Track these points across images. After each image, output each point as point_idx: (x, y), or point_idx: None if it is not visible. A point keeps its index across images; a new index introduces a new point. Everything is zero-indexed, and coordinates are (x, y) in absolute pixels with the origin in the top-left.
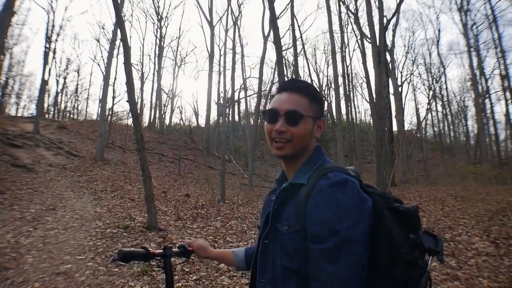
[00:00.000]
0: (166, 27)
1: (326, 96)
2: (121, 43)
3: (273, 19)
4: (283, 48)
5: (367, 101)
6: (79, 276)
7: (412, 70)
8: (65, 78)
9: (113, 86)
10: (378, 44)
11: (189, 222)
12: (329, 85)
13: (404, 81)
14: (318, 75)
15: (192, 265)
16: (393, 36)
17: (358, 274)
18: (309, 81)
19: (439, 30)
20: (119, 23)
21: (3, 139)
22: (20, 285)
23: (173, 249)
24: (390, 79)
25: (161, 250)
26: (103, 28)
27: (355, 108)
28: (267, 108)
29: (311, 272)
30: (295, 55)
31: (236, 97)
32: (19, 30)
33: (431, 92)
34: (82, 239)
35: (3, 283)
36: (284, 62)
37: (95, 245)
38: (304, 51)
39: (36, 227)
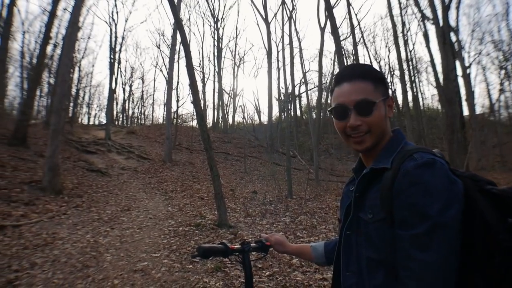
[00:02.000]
0: (223, 28)
1: (389, 84)
2: (181, 47)
3: (329, 9)
4: (341, 38)
5: (433, 86)
6: (155, 273)
7: (480, 49)
8: (130, 86)
9: (177, 90)
10: (441, 24)
11: (258, 219)
12: (392, 72)
13: (472, 62)
14: (379, 63)
15: (265, 260)
16: (457, 14)
17: (452, 262)
18: None
19: (507, 3)
20: (179, 27)
21: (78, 147)
22: (101, 282)
23: (251, 244)
24: (457, 61)
25: (239, 246)
26: (163, 35)
27: (421, 94)
28: (332, 105)
29: (399, 261)
30: (354, 44)
31: (296, 92)
32: (85, 44)
33: (502, 72)
34: (156, 237)
35: (85, 280)
36: (343, 52)
37: (169, 243)
38: (363, 39)
39: (113, 227)
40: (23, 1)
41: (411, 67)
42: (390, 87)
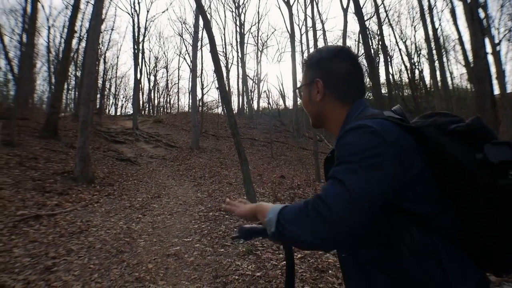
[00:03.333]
0: (245, 14)
1: (416, 63)
2: (203, 34)
3: None
4: (365, 18)
5: (462, 65)
6: (188, 257)
7: (510, 25)
8: (155, 75)
9: (201, 77)
10: (469, 0)
11: (287, 202)
12: (418, 52)
13: (502, 38)
14: (404, 43)
15: None
16: None
17: (372, 194)
18: (396, 49)
19: None
20: (201, 12)
21: (107, 137)
22: (135, 267)
23: None
24: (486, 38)
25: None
26: (185, 23)
27: (450, 73)
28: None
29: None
30: (379, 24)
31: None
32: (109, 36)
33: None
34: (187, 222)
35: (120, 265)
36: (368, 32)
37: (200, 227)
38: (388, 19)
39: (144, 213)
40: None
41: (438, 46)
42: (417, 67)
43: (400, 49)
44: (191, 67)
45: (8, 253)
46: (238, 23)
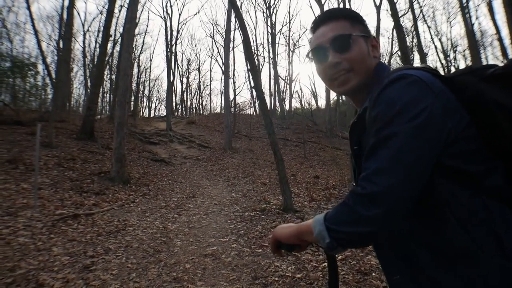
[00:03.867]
0: (275, 14)
1: (452, 60)
2: (235, 35)
3: None
4: (399, 15)
5: (500, 60)
6: (225, 257)
7: None
8: (187, 77)
9: (233, 78)
10: None
11: (323, 203)
12: (454, 48)
13: None
14: (440, 39)
15: None
16: None
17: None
18: (431, 46)
19: None
20: (234, 8)
21: (141, 138)
22: (173, 266)
23: None
24: None
25: None
26: (216, 25)
27: None
28: (310, 51)
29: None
30: (414, 20)
31: None
32: (142, 40)
33: None
34: (223, 222)
35: (158, 265)
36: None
37: (236, 227)
38: (423, 15)
39: (180, 213)
40: (82, 2)
41: (475, 42)
42: (452, 64)
43: (435, 46)
44: (223, 68)
45: (48, 251)
46: (269, 23)
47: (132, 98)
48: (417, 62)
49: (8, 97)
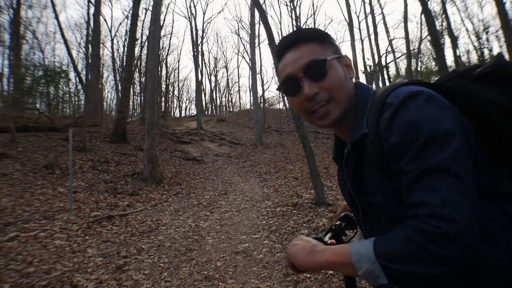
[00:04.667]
0: (299, 7)
1: (484, 42)
2: (260, 31)
3: None
4: None
5: None
6: (257, 254)
7: None
8: (215, 75)
9: (261, 74)
10: None
11: None
12: (486, 30)
13: None
14: (471, 21)
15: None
16: None
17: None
18: (462, 29)
19: None
20: (256, 4)
21: (173, 138)
22: (204, 265)
23: (342, 225)
24: None
25: (331, 233)
26: (241, 21)
27: None
28: (280, 83)
29: (410, 201)
30: (443, 2)
31: (383, 62)
32: (168, 41)
33: None
34: (254, 218)
35: (189, 263)
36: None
37: (267, 223)
38: None
39: (212, 211)
40: (107, 9)
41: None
42: (486, 47)
43: (466, 29)
44: (250, 64)
45: (82, 253)
46: (293, 16)
47: (163, 99)
48: (448, 46)
49: (43, 105)
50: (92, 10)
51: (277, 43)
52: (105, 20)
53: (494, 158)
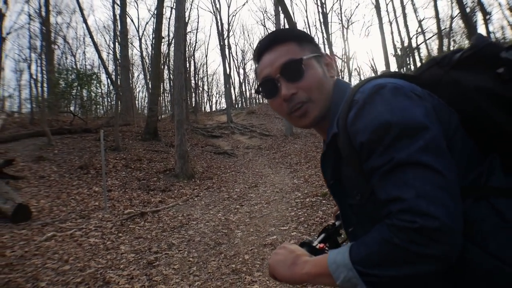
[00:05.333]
0: None
1: None
2: (285, 20)
3: None
4: None
5: None
6: None
7: None
8: (244, 68)
9: None
10: None
11: None
12: None
13: None
14: None
15: None
16: None
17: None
18: (494, 4)
19: None
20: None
21: (204, 133)
22: (232, 258)
23: (337, 224)
24: None
25: (323, 235)
26: (266, 12)
27: None
28: (258, 85)
29: (383, 198)
30: None
31: (414, 44)
32: (195, 37)
33: None
34: (284, 210)
35: (218, 257)
36: None
37: (296, 215)
38: None
39: (242, 204)
40: (133, 9)
41: None
42: None
43: (499, 3)
44: None
45: (115, 250)
46: (319, 3)
47: (193, 95)
48: (481, 24)
49: (77, 107)
50: (118, 11)
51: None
52: (132, 20)
53: (485, 149)
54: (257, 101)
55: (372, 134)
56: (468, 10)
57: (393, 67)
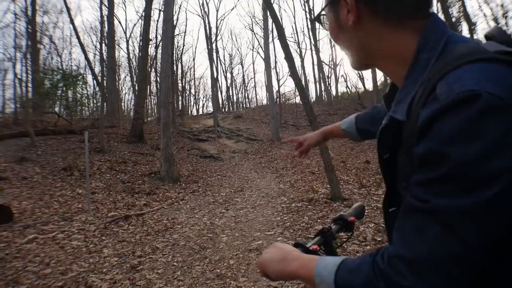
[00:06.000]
0: None
1: (507, 27)
2: (273, 26)
3: None
4: None
5: None
6: None
7: None
8: (231, 72)
9: (275, 69)
10: None
11: (373, 189)
12: (505, 15)
13: None
14: (489, 6)
15: (385, 232)
16: None
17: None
18: (479, 14)
19: None
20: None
21: (190, 136)
22: (217, 263)
23: (333, 228)
24: None
25: (319, 237)
26: (254, 17)
27: None
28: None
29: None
30: None
31: None
32: (183, 40)
33: None
34: (269, 215)
35: (202, 262)
36: None
37: (282, 220)
38: None
39: (227, 208)
40: (121, 11)
41: None
42: None
43: (484, 14)
44: (264, 59)
45: (98, 253)
46: (307, 9)
47: (180, 98)
48: (466, 34)
49: (62, 108)
50: (105, 13)
51: (290, 41)
52: (119, 22)
53: None
54: (244, 105)
55: (429, 154)
56: (453, 20)
57: (379, 75)
